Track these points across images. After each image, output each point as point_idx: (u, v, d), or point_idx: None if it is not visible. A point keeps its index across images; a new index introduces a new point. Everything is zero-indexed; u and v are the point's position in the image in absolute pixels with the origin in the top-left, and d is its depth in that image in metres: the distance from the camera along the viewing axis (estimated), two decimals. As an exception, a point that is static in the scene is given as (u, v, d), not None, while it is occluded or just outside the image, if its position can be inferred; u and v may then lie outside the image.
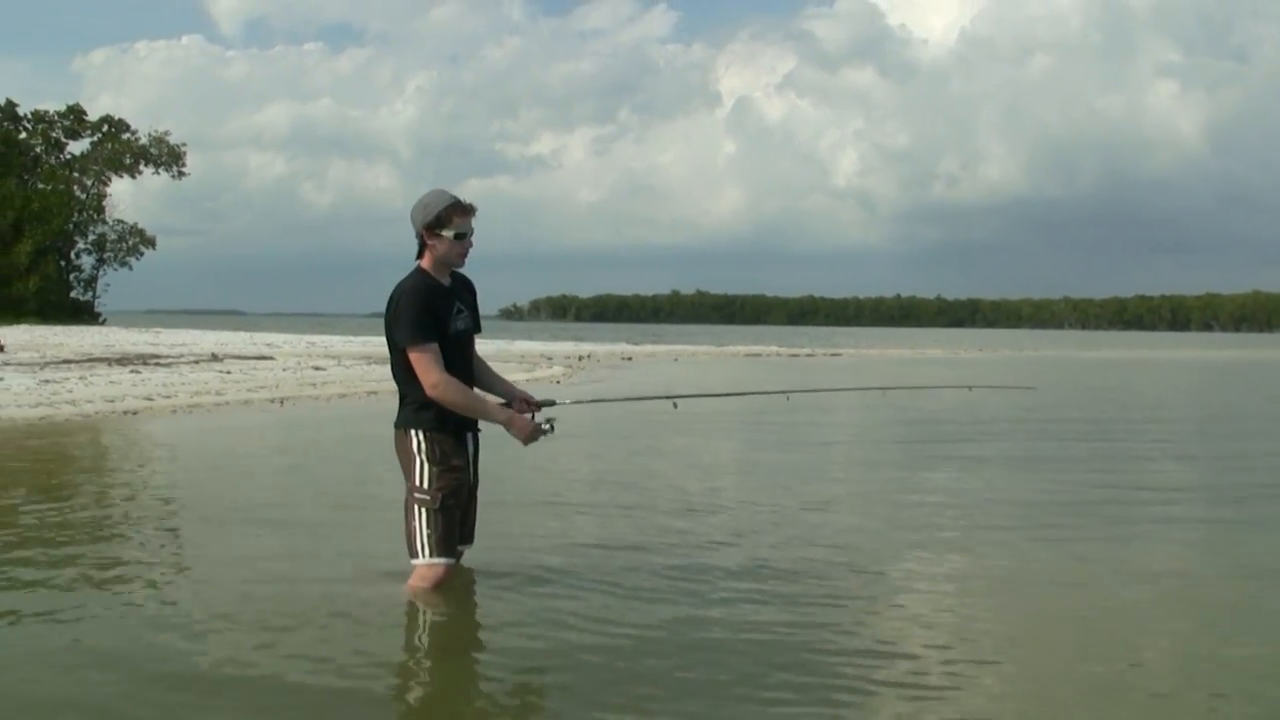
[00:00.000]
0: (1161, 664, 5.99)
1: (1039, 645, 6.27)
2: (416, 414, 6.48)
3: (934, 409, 22.08)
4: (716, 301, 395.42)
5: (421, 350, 6.32)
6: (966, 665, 5.76)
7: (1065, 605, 7.07)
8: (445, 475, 6.44)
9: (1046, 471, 13.52)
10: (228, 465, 13.61)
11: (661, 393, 10.90)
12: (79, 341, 47.21)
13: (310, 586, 7.05)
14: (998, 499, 11.31)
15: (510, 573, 7.36)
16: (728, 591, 7.14)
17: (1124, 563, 8.37)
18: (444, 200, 6.43)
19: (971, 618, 6.73)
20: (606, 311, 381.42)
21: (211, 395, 22.62)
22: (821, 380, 34.65)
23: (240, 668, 5.56)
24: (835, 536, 9.08)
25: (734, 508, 10.50)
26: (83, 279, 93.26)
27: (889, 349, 70.93)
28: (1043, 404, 24.00)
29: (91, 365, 29.66)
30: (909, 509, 10.70)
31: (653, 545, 8.53)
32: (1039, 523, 9.89)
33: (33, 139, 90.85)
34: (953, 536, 9.17)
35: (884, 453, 15.77)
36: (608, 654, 5.84)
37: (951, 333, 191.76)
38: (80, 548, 8.17)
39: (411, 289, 6.42)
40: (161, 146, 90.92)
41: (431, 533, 6.42)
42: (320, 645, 5.89)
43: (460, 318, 6.53)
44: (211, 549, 8.33)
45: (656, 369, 42.05)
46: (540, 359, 45.03)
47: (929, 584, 7.59)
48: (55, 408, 19.12)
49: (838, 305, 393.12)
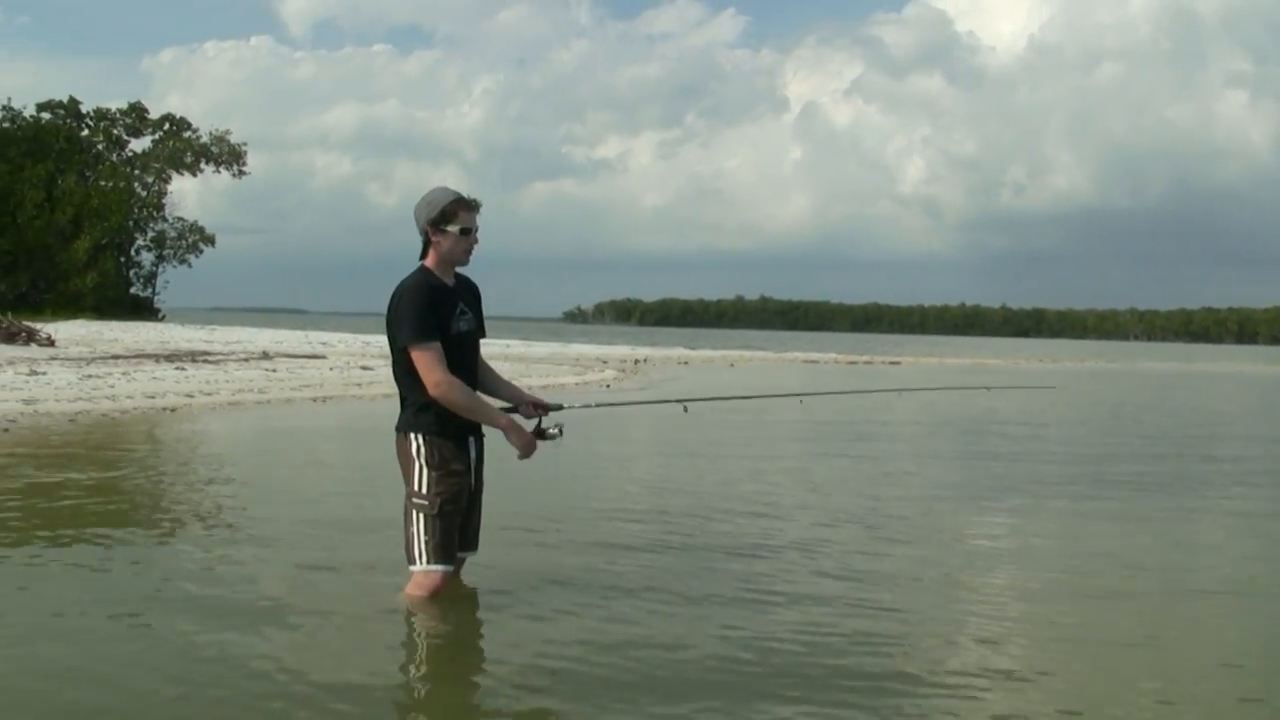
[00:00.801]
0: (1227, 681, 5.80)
1: (1097, 659, 6.04)
2: (416, 417, 6.33)
3: (989, 415, 21.37)
4: (781, 307, 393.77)
5: (424, 349, 6.17)
6: (1019, 682, 5.58)
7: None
8: (445, 480, 6.29)
9: (1104, 489, 12.91)
10: (212, 467, 13.12)
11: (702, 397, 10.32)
12: (134, 337, 47.46)
13: (292, 595, 6.81)
14: (1053, 512, 10.87)
15: (521, 581, 7.14)
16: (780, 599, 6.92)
17: (1181, 580, 8.15)
18: (448, 196, 6.31)
19: (1031, 634, 6.51)
20: (670, 316, 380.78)
21: (254, 393, 22.38)
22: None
23: (226, 672, 5.39)
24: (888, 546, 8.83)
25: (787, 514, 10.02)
26: (143, 275, 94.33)
27: (948, 358, 70.14)
28: (1098, 421, 23.24)
29: (139, 361, 29.67)
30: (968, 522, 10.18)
31: (665, 550, 8.37)
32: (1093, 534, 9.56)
33: (95, 136, 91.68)
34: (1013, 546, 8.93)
35: (943, 468, 15.09)
36: (613, 668, 5.62)
37: (1014, 342, 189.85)
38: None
39: (413, 287, 6.28)
40: (222, 145, 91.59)
41: (429, 539, 6.27)
42: (306, 655, 5.69)
43: (464, 319, 6.39)
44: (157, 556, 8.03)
45: (711, 374, 41.68)
46: (595, 362, 44.99)
47: (986, 598, 7.31)
48: (94, 402, 19.03)
49: (902, 313, 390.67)
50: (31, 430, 15.35)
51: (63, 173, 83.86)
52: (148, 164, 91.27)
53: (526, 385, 25.63)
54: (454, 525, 6.35)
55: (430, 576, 6.30)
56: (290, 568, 7.56)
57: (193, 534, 8.75)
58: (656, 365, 46.31)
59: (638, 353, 55.97)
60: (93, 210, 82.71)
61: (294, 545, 8.31)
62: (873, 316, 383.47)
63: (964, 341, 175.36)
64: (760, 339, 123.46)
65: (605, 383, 31.88)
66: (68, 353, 32.56)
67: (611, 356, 50.69)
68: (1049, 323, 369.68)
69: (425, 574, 6.31)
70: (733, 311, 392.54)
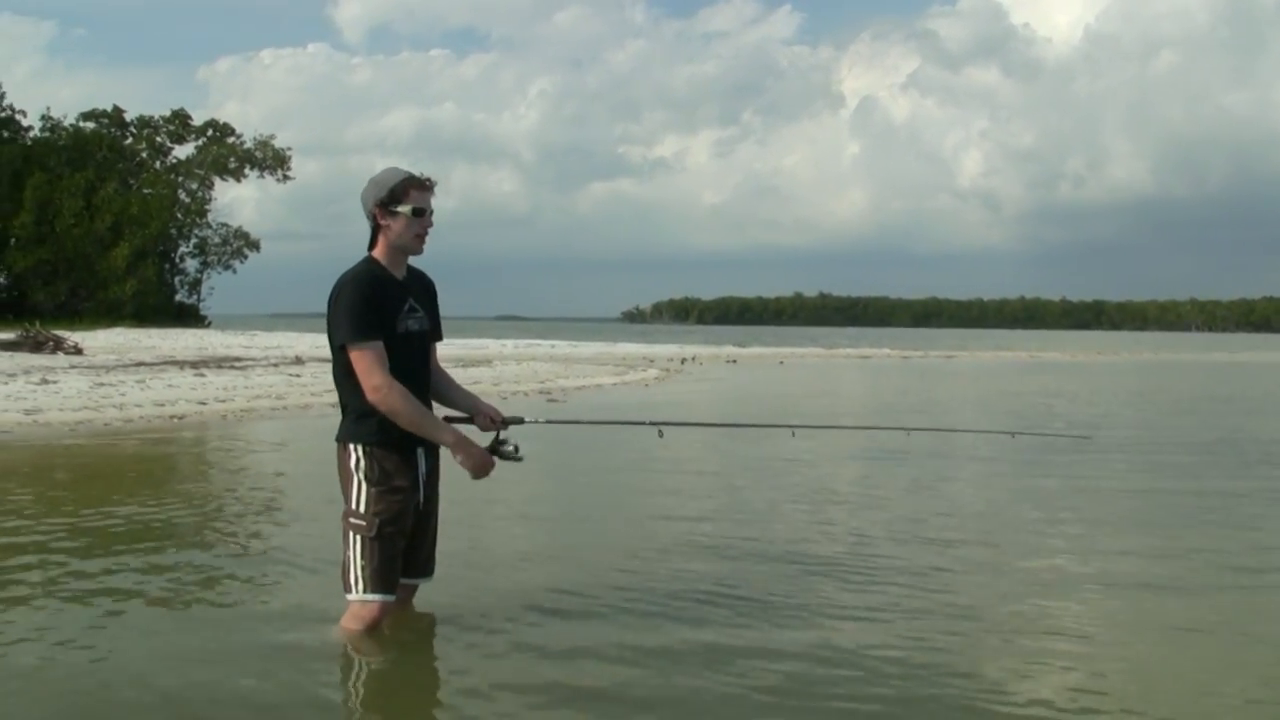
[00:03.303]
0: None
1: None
2: (356, 425, 5.64)
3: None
4: (840, 304, 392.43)
5: (363, 349, 5.51)
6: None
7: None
8: (385, 498, 5.59)
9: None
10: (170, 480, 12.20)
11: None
12: (171, 344, 47.05)
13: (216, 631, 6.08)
14: (1123, 535, 9.76)
15: (488, 615, 6.36)
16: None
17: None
18: (398, 174, 5.71)
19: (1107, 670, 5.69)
20: (729, 314, 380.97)
21: (270, 399, 21.45)
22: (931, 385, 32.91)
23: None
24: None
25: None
26: (188, 282, 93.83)
27: (1004, 352, 69.09)
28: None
29: (162, 368, 28.89)
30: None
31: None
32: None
33: (138, 144, 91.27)
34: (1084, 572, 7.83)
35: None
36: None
37: (1073, 335, 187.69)
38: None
39: (355, 279, 5.62)
40: (266, 150, 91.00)
41: (366, 564, 5.57)
42: (219, 697, 5.05)
43: (413, 317, 5.75)
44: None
45: (758, 373, 40.64)
46: (640, 361, 44.50)
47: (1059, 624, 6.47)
48: (99, 411, 18.30)
49: (962, 307, 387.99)
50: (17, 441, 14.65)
51: (104, 181, 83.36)
52: (190, 170, 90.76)
53: (561, 387, 24.78)
54: (395, 549, 5.62)
55: (367, 607, 5.59)
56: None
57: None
58: (703, 364, 45.20)
59: (685, 352, 54.91)
60: (132, 218, 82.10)
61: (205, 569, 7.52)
62: (932, 311, 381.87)
63: (1023, 335, 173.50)
64: (820, 335, 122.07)
65: (645, 383, 31.08)
66: (92, 361, 31.97)
67: (658, 356, 49.93)
68: (1109, 315, 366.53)
69: (361, 604, 5.60)
70: (791, 309, 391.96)
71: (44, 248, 79.69)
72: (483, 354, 44.52)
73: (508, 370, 33.14)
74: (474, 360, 38.46)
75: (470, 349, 48.94)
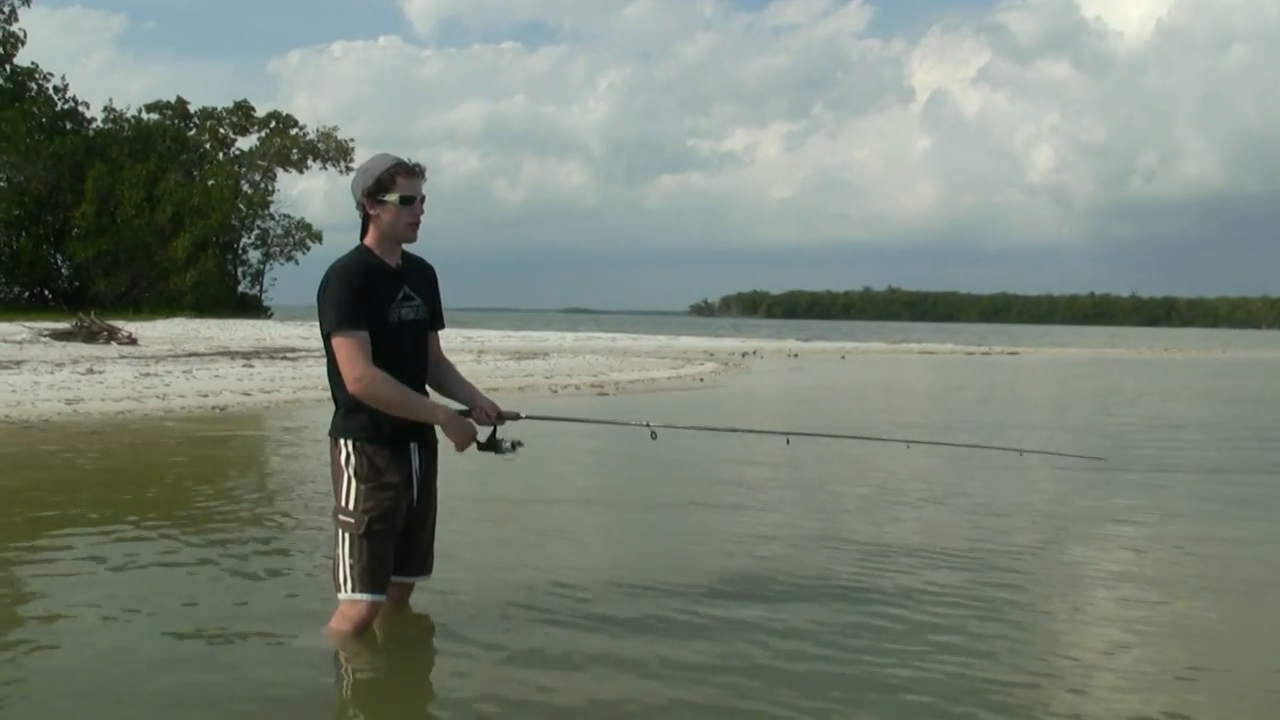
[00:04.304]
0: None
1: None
2: (346, 420, 5.51)
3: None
4: (909, 298, 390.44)
5: (346, 337, 5.35)
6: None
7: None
8: (376, 494, 5.43)
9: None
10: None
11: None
12: (229, 335, 47.06)
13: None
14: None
15: (491, 609, 6.27)
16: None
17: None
18: (386, 161, 5.54)
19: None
20: (797, 308, 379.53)
21: (317, 390, 20.98)
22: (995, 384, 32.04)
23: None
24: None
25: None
26: (250, 273, 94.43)
27: (1069, 349, 67.82)
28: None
29: (213, 359, 28.82)
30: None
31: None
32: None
33: (201, 135, 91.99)
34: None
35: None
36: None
37: (1142, 332, 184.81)
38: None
39: (343, 267, 5.48)
40: (329, 141, 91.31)
41: (355, 563, 5.42)
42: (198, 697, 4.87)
43: (408, 305, 5.56)
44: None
45: (820, 367, 40.10)
46: (701, 355, 44.17)
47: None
48: (141, 401, 18.11)
49: (1030, 303, 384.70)
50: (52, 430, 14.49)
51: (165, 172, 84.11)
52: (253, 162, 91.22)
53: (613, 380, 24.28)
54: (384, 548, 5.47)
55: (355, 607, 5.45)
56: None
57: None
58: (764, 359, 44.58)
59: (747, 345, 54.28)
60: (194, 209, 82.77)
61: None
62: (1001, 307, 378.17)
63: (1092, 331, 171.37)
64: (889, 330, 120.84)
65: (699, 377, 30.49)
66: (144, 351, 31.95)
67: (719, 349, 49.40)
68: (1179, 311, 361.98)
69: (350, 603, 5.46)
70: (860, 303, 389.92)
71: (105, 238, 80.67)
72: (541, 346, 44.33)
73: (562, 363, 32.75)
74: (531, 353, 38.28)
75: (530, 341, 48.82)
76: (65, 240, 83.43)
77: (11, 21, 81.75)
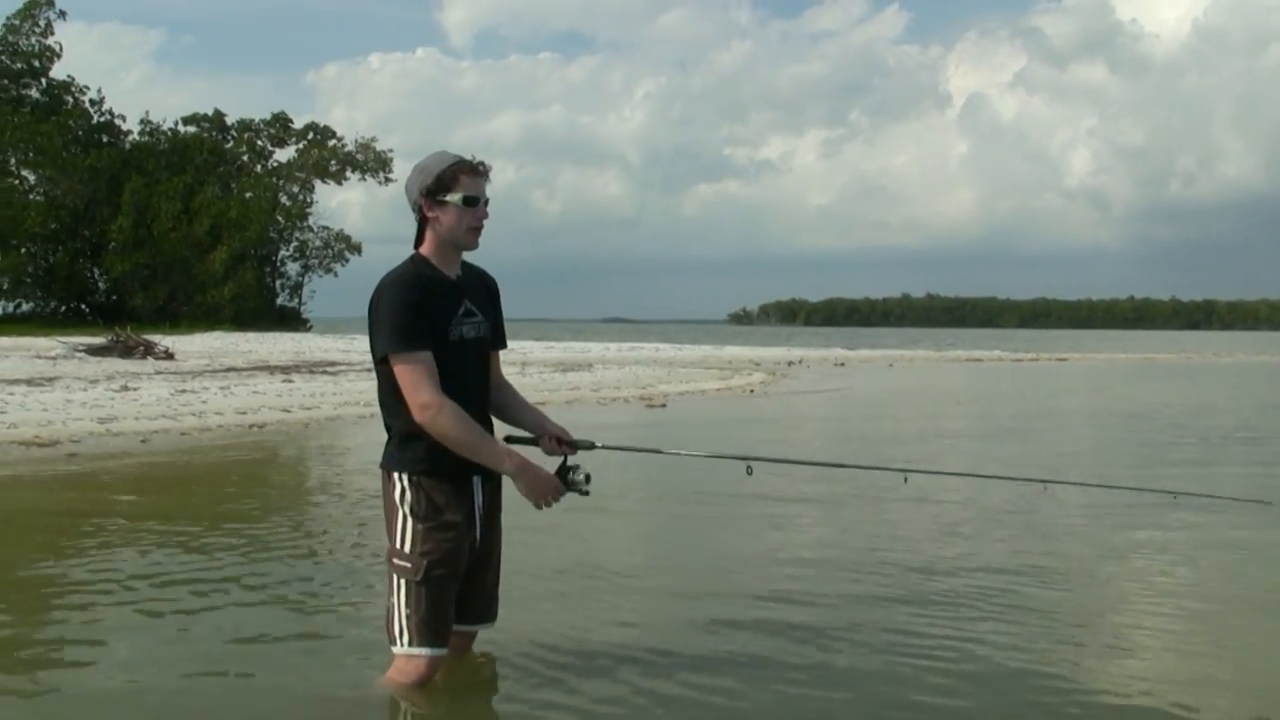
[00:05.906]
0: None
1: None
2: (401, 450, 4.88)
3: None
4: (947, 305, 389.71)
5: (408, 361, 4.73)
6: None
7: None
8: (434, 536, 4.82)
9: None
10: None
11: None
12: (268, 349, 46.71)
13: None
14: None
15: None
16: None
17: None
18: (447, 158, 4.93)
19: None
20: (836, 316, 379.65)
21: (359, 406, 20.41)
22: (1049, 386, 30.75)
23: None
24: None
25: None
26: (289, 286, 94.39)
27: (1117, 354, 66.99)
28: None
29: (252, 374, 28.30)
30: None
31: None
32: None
33: (238, 148, 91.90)
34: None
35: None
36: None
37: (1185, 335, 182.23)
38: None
39: (398, 280, 4.86)
40: (368, 153, 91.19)
41: (412, 613, 4.81)
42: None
43: (469, 322, 4.96)
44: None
45: (869, 376, 39.21)
46: (747, 364, 43.82)
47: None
48: (177, 419, 17.53)
49: (1070, 308, 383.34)
50: (81, 451, 13.90)
51: (202, 185, 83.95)
52: (291, 174, 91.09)
53: (663, 392, 23.31)
54: (447, 595, 4.87)
55: (413, 662, 4.84)
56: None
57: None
58: (810, 368, 43.70)
59: (793, 354, 53.55)
60: (231, 221, 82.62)
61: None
62: (1040, 312, 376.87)
63: (1133, 336, 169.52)
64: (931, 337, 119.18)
65: (750, 388, 29.78)
66: (180, 366, 31.49)
67: (765, 359, 48.87)
68: (1220, 315, 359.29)
69: (407, 658, 4.84)
70: (899, 310, 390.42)
71: (142, 251, 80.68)
72: (585, 357, 43.72)
73: (609, 375, 32.04)
74: (575, 364, 37.71)
75: (573, 352, 48.31)
76: (102, 254, 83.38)
77: (47, 35, 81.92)
